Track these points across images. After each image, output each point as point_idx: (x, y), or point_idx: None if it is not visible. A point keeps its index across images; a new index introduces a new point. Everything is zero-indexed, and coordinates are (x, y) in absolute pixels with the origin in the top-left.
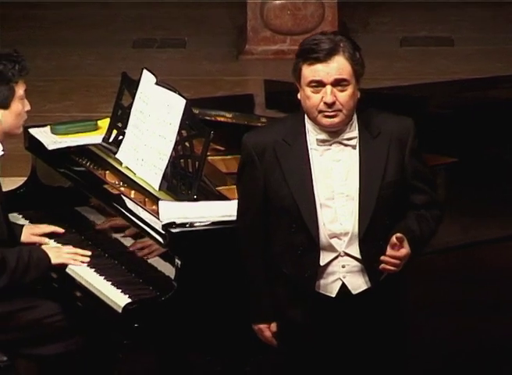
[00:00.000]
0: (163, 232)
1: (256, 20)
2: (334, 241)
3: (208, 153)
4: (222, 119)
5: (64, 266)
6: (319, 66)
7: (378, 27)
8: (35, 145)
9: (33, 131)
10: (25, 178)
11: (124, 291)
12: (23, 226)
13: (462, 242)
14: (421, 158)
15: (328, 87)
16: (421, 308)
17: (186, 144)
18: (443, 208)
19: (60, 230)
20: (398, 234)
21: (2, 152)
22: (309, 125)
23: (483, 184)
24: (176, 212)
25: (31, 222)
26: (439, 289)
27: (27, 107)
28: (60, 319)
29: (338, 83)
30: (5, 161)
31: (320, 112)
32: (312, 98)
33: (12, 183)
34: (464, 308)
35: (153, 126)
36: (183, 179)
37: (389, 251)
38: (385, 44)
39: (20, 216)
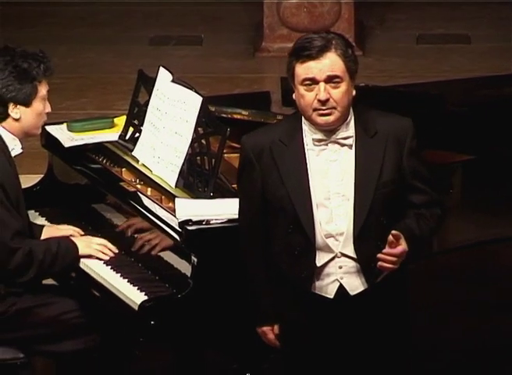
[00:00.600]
0: (179, 229)
1: (272, 18)
2: (330, 242)
3: (225, 150)
4: (239, 116)
5: (91, 257)
6: (312, 64)
7: (395, 25)
8: (52, 143)
9: (49, 128)
10: (41, 175)
11: (140, 289)
12: (43, 226)
13: (477, 240)
14: (420, 158)
15: (322, 84)
16: (425, 308)
17: (203, 141)
18: (444, 207)
19: (80, 233)
20: (394, 231)
21: (21, 150)
22: (305, 125)
23: (499, 182)
24: (193, 209)
25: (47, 219)
26: (443, 289)
27: (48, 108)
28: (77, 316)
29: (331, 79)
30: (21, 158)
31: (315, 110)
32: (306, 97)
33: (28, 181)
34: (467, 308)
35: (169, 124)
36: (200, 176)
37: (385, 248)
38: (401, 41)
39: (37, 213)
